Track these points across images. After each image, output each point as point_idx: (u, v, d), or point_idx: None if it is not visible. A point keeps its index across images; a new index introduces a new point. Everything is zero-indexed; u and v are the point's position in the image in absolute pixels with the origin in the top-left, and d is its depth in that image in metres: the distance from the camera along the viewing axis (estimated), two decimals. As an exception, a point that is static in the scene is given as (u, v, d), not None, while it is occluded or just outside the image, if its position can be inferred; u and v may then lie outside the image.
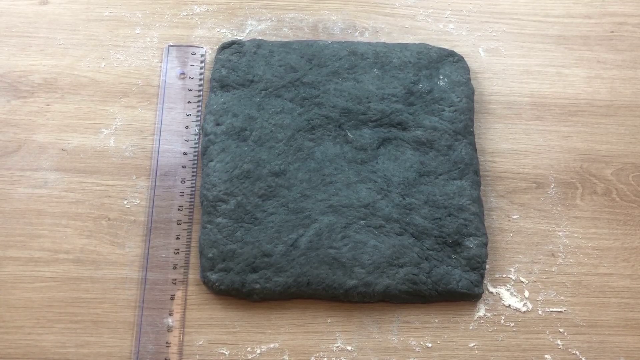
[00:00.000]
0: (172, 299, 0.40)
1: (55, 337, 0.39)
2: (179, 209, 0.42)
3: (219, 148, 0.42)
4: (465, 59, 0.47)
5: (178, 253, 0.41)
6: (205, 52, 0.47)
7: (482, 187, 0.43)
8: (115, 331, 0.39)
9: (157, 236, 0.41)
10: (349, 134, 0.43)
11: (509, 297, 0.41)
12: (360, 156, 0.43)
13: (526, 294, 0.41)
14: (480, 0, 0.51)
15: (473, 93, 0.46)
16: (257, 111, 0.43)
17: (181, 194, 0.42)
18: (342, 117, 0.44)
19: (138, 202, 0.42)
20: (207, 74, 0.47)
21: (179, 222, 0.42)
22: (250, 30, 0.49)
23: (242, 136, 0.42)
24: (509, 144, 0.46)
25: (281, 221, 0.40)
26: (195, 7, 0.49)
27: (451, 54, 0.47)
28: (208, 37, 0.48)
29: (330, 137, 0.43)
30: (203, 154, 0.43)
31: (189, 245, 0.41)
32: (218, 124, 0.43)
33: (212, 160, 0.42)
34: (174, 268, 0.40)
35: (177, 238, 0.41)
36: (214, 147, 0.42)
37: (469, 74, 0.46)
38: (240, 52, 0.46)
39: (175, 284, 0.40)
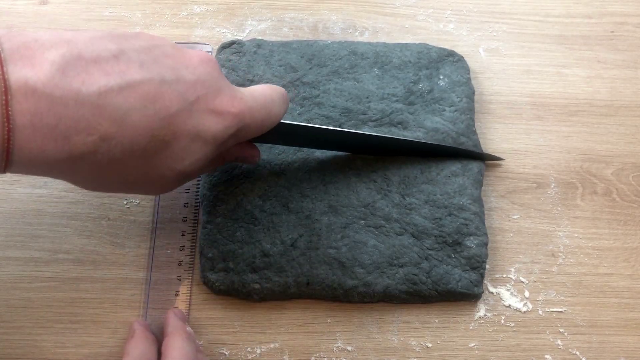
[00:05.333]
0: (177, 295, 0.40)
1: (55, 337, 0.39)
2: (184, 206, 0.42)
3: None
4: (466, 59, 0.47)
5: (183, 250, 0.41)
6: (212, 49, 0.47)
7: (482, 187, 0.43)
8: (115, 331, 0.39)
9: (162, 234, 0.41)
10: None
11: (509, 297, 0.41)
12: (360, 155, 0.43)
13: (526, 294, 0.41)
14: (480, 0, 0.51)
15: (473, 93, 0.46)
16: (257, 111, 0.43)
17: (187, 191, 0.42)
18: (342, 117, 0.43)
19: (138, 202, 0.42)
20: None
21: (184, 219, 0.42)
22: (250, 30, 0.49)
23: None
24: (509, 144, 0.46)
25: (281, 221, 0.40)
26: (195, 7, 0.49)
27: (451, 53, 0.47)
28: (208, 37, 0.48)
29: None
30: None
31: (194, 242, 0.41)
32: None
33: None
34: (179, 265, 0.40)
35: (183, 235, 0.41)
36: None
37: (469, 73, 0.46)
38: (240, 52, 0.46)
39: (180, 280, 0.40)
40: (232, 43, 0.46)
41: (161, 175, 0.30)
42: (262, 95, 0.33)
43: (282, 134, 0.37)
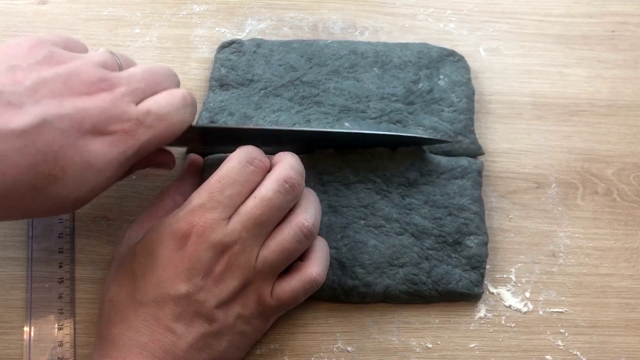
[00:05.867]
0: None
1: (54, 338, 0.38)
2: None
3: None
4: (466, 59, 0.47)
5: None
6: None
7: (482, 187, 0.43)
8: (115, 331, 0.39)
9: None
10: (346, 123, 0.42)
11: (509, 298, 0.41)
12: (358, 154, 0.42)
13: (527, 294, 0.41)
14: (481, 0, 0.51)
15: (473, 93, 0.45)
16: (254, 110, 0.43)
17: None
18: (341, 114, 0.43)
19: (138, 202, 0.42)
20: (207, 73, 0.46)
21: None
22: (250, 29, 0.49)
23: None
24: (509, 144, 0.46)
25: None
26: (195, 6, 0.49)
27: (451, 53, 0.47)
28: (208, 36, 0.48)
29: (327, 126, 0.43)
30: (192, 152, 0.42)
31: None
32: (212, 122, 0.43)
33: (207, 159, 0.42)
34: None
35: None
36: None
37: (469, 73, 0.46)
38: (239, 52, 0.46)
39: None
40: (231, 42, 0.46)
41: (57, 205, 0.31)
42: (157, 105, 0.33)
43: (209, 137, 0.37)
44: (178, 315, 0.32)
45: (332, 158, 0.42)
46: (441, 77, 0.45)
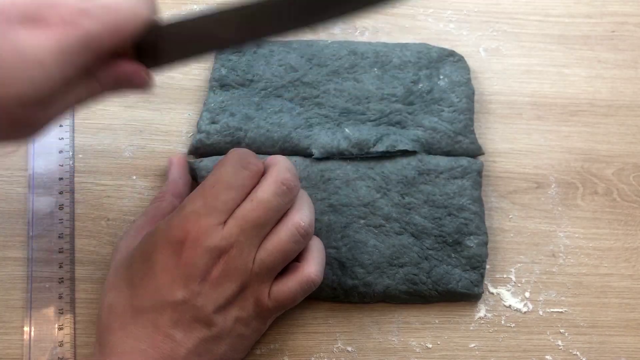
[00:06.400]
0: None
1: (54, 338, 0.38)
2: None
3: (212, 147, 0.42)
4: (466, 59, 0.47)
5: None
6: None
7: (482, 187, 0.43)
8: (115, 331, 0.39)
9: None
10: (346, 130, 0.42)
11: (509, 298, 0.41)
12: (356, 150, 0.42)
13: (527, 294, 0.41)
14: (481, 0, 0.51)
15: (473, 93, 0.45)
16: (255, 111, 0.43)
17: None
18: (342, 117, 0.43)
19: (138, 202, 0.42)
20: (207, 73, 0.46)
21: None
22: (250, 29, 0.49)
23: (236, 137, 0.42)
24: (509, 144, 0.46)
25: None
26: (195, 7, 0.49)
27: (451, 53, 0.47)
28: (208, 36, 0.48)
29: (329, 132, 0.43)
30: (193, 152, 0.42)
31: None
32: (213, 122, 0.43)
33: (202, 161, 0.42)
34: None
35: None
36: (206, 146, 0.42)
37: (469, 74, 0.46)
38: (240, 52, 0.46)
39: None
40: (232, 43, 0.46)
41: (3, 108, 0.27)
42: None
43: (181, 41, 0.33)
44: (176, 322, 0.32)
45: (332, 158, 0.42)
46: (441, 77, 0.45)
